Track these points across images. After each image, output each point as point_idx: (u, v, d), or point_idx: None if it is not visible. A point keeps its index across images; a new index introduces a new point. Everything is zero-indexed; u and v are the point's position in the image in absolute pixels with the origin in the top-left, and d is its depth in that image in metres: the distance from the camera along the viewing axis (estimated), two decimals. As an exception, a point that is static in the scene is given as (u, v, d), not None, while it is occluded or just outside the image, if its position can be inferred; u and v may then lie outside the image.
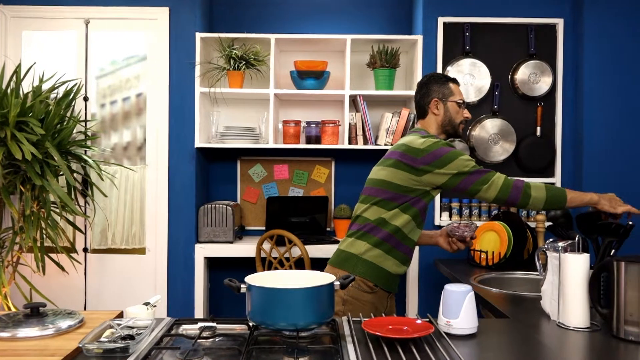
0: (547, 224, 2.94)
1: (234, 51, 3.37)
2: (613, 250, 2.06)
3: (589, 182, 3.25)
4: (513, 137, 3.35)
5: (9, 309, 2.98)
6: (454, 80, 2.29)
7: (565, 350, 1.54)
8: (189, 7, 3.38)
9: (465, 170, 2.07)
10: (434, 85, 2.26)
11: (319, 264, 2.61)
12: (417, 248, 3.32)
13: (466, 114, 2.27)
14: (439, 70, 3.36)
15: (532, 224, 3.08)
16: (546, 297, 1.85)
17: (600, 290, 1.67)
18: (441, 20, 3.36)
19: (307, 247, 3.24)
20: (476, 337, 1.60)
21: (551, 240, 1.88)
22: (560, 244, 1.80)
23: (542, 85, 3.35)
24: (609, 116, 3.26)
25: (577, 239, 1.83)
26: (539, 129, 3.36)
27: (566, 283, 1.71)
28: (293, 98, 3.68)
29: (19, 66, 3.06)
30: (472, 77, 3.34)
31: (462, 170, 2.07)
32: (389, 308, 2.22)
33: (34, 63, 3.25)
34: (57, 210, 3.03)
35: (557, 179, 3.36)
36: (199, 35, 3.37)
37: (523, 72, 3.34)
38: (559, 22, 3.36)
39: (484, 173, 2.09)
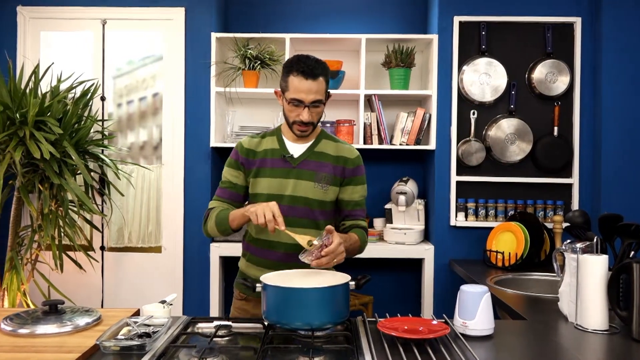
0: (565, 224, 2.91)
1: (249, 51, 3.38)
2: (632, 252, 2.04)
3: (607, 182, 3.21)
4: (530, 137, 3.31)
5: (28, 306, 3.02)
6: (303, 72, 1.81)
7: (583, 353, 1.52)
8: (205, 7, 3.40)
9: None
10: (282, 73, 1.90)
11: (333, 264, 2.60)
12: (432, 248, 3.30)
13: (302, 116, 1.84)
14: (454, 70, 3.33)
15: (549, 225, 3.05)
16: (564, 298, 1.84)
17: (619, 292, 1.65)
18: (457, 19, 3.34)
19: (322, 246, 3.23)
20: (492, 338, 1.59)
21: (569, 241, 1.86)
22: (578, 245, 1.78)
23: (560, 84, 3.31)
24: (627, 116, 3.21)
25: (595, 240, 1.81)
26: (556, 128, 3.32)
27: (584, 285, 1.69)
28: (308, 98, 3.67)
29: (37, 66, 3.09)
30: (488, 77, 3.32)
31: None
32: None
33: (52, 63, 3.28)
34: (75, 209, 3.06)
35: (574, 179, 3.32)
36: (214, 35, 3.38)
37: (540, 72, 3.30)
38: (577, 21, 3.32)
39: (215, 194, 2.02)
